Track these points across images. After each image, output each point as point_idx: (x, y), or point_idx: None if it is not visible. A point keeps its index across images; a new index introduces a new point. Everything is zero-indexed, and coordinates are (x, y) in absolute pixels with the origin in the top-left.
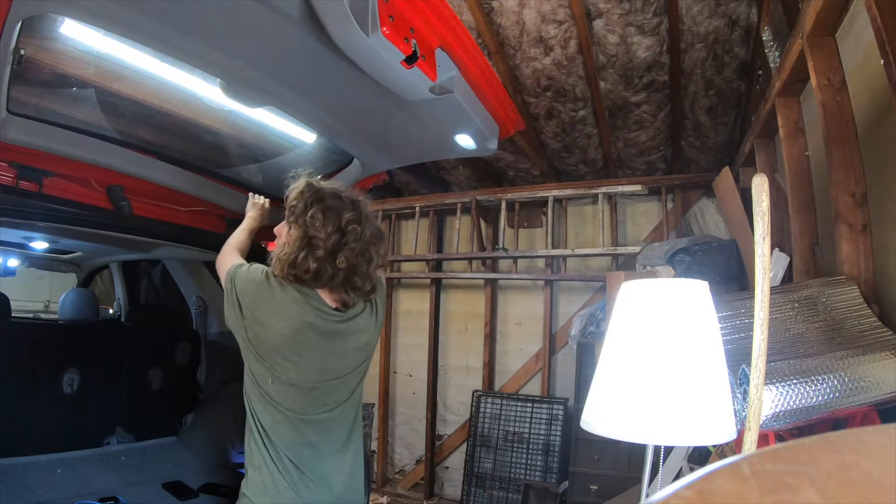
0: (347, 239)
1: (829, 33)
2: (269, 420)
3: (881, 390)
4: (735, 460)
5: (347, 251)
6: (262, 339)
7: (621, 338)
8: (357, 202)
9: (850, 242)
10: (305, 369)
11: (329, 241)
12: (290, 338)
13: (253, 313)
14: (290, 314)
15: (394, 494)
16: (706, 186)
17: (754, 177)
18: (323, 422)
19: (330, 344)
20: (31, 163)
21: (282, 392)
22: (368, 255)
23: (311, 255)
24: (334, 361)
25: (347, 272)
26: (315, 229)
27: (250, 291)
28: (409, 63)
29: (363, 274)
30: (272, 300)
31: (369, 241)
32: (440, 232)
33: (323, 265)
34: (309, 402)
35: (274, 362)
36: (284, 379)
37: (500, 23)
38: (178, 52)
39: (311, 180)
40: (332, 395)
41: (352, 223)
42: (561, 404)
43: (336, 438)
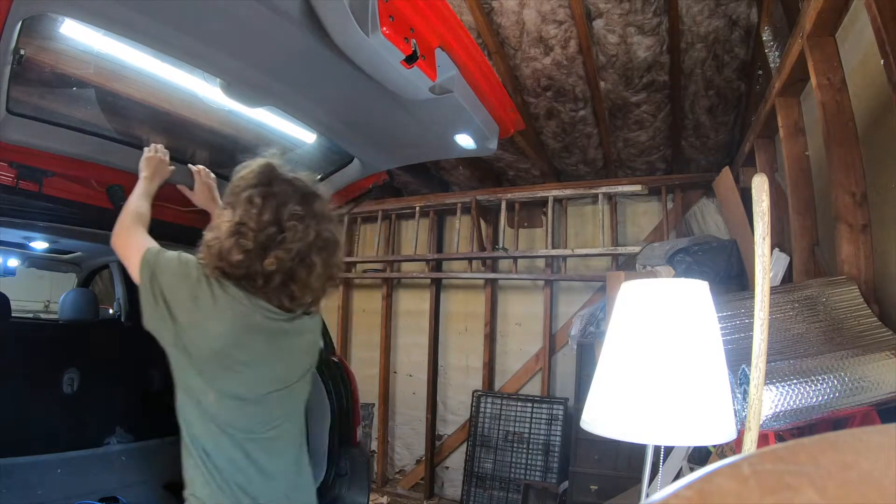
0: (285, 236)
1: (829, 33)
2: (212, 444)
3: (881, 390)
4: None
5: (281, 251)
6: (200, 347)
7: (621, 338)
8: (311, 196)
9: (850, 242)
10: (252, 379)
11: (261, 234)
12: (233, 344)
13: (187, 316)
14: (233, 316)
15: (394, 494)
16: (706, 186)
17: (754, 177)
18: (272, 440)
19: (278, 346)
20: (31, 163)
21: (225, 408)
22: (309, 262)
23: (238, 246)
24: (282, 367)
25: (282, 277)
26: (248, 216)
27: (182, 290)
28: (409, 63)
29: (302, 283)
30: (210, 299)
31: (312, 245)
32: (440, 232)
33: (251, 261)
34: (256, 419)
35: (215, 374)
36: (228, 392)
37: (500, 23)
38: (178, 52)
39: (273, 161)
40: (281, 408)
41: (294, 218)
42: (561, 404)
43: (287, 459)
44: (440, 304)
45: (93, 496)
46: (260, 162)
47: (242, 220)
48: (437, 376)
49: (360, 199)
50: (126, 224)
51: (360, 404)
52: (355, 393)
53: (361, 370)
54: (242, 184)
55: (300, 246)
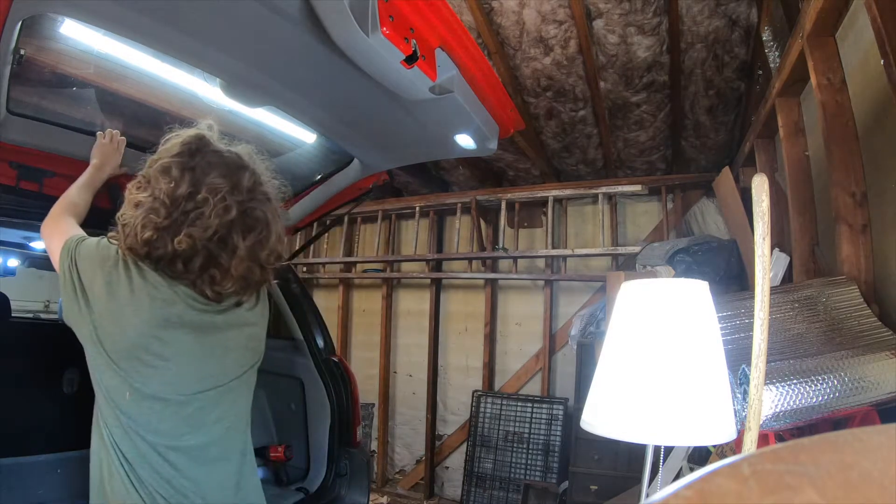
0: (203, 211)
1: (829, 33)
2: (133, 451)
3: (881, 390)
4: (735, 460)
5: (194, 228)
6: (116, 339)
7: (621, 338)
8: (238, 168)
9: (850, 242)
10: (174, 377)
11: (176, 210)
12: (151, 335)
13: (103, 305)
14: (150, 303)
15: (394, 494)
16: (706, 186)
17: (754, 177)
18: (202, 448)
19: (205, 341)
20: (32, 163)
21: (144, 410)
22: (231, 243)
23: (149, 222)
24: (212, 365)
25: (202, 261)
26: (161, 188)
27: (98, 276)
28: (409, 63)
29: (223, 268)
30: (127, 285)
31: (234, 223)
32: (440, 232)
33: (165, 240)
34: (179, 422)
35: (132, 370)
36: (147, 392)
37: (500, 23)
38: (178, 52)
39: (204, 132)
40: (213, 412)
41: (216, 192)
42: (561, 404)
43: (224, 472)
44: (440, 304)
45: None
46: (189, 132)
47: (155, 193)
48: (437, 376)
49: (360, 199)
50: (55, 213)
51: (360, 404)
52: (355, 393)
53: (361, 370)
54: (164, 154)
55: (218, 223)
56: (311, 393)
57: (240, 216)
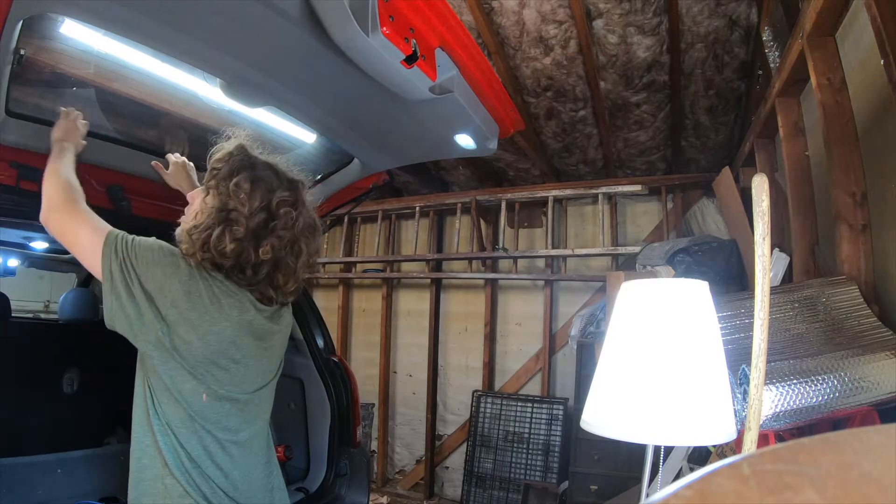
0: (276, 223)
1: (829, 33)
2: (199, 448)
3: (881, 390)
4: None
5: (274, 238)
6: (195, 347)
7: (621, 338)
8: (295, 183)
9: (850, 242)
10: (242, 377)
11: (253, 220)
12: (230, 342)
13: (180, 313)
14: (229, 312)
15: (394, 494)
16: (706, 186)
17: (754, 177)
18: (250, 441)
19: (263, 343)
20: (32, 163)
21: (217, 409)
22: (298, 249)
23: (229, 233)
24: (266, 364)
25: (270, 267)
26: (238, 201)
27: (174, 284)
28: (409, 63)
29: (288, 270)
30: (207, 294)
31: (301, 232)
32: (440, 232)
33: (244, 249)
34: (242, 418)
35: (208, 373)
36: (221, 392)
37: (500, 23)
38: (178, 52)
39: (245, 144)
40: (262, 406)
41: (285, 205)
42: (561, 404)
43: (262, 459)
44: (440, 304)
45: (93, 496)
46: (234, 144)
47: (231, 206)
48: (437, 376)
49: (360, 199)
50: (63, 199)
51: (360, 404)
52: (355, 393)
53: (361, 370)
54: (223, 168)
55: (291, 233)
56: (311, 393)
57: (304, 224)
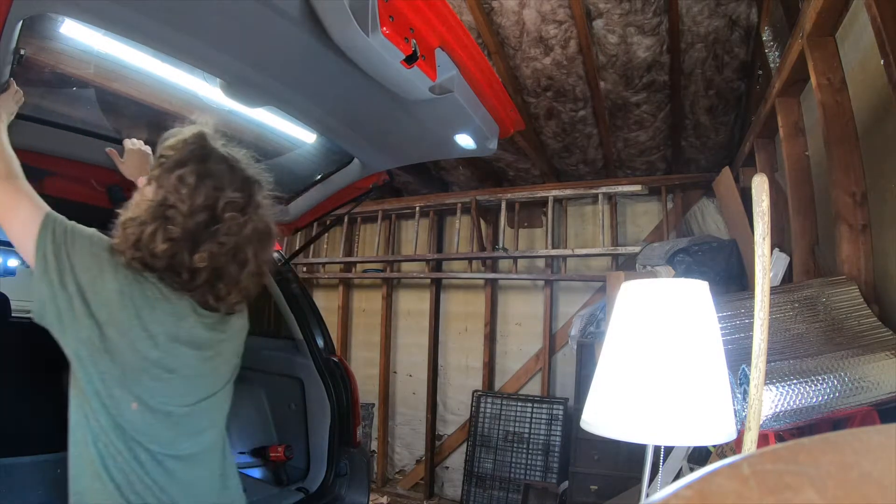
0: (219, 227)
1: (829, 33)
2: (127, 462)
3: (881, 390)
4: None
5: (214, 244)
6: (125, 352)
7: (621, 338)
8: (250, 182)
9: (850, 242)
10: (178, 389)
11: (192, 220)
12: (164, 350)
13: (112, 313)
14: (163, 318)
15: (394, 494)
16: (706, 186)
17: (754, 177)
18: (195, 455)
19: (206, 354)
20: (32, 163)
21: (149, 420)
22: (242, 257)
23: (163, 232)
24: (210, 375)
25: (209, 275)
26: (178, 196)
27: (108, 280)
28: (409, 63)
29: (230, 280)
30: (140, 296)
31: (248, 239)
32: (440, 232)
33: (178, 252)
34: (180, 432)
35: (138, 382)
36: (152, 404)
37: (500, 23)
38: (178, 52)
39: (207, 132)
40: (206, 419)
41: (232, 207)
42: (561, 404)
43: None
44: (440, 304)
45: None
46: (192, 131)
47: (170, 201)
48: (437, 376)
49: (360, 199)
50: (6, 170)
51: (360, 404)
52: (355, 393)
53: (361, 370)
54: (172, 156)
55: (236, 240)
56: (311, 393)
57: (253, 231)
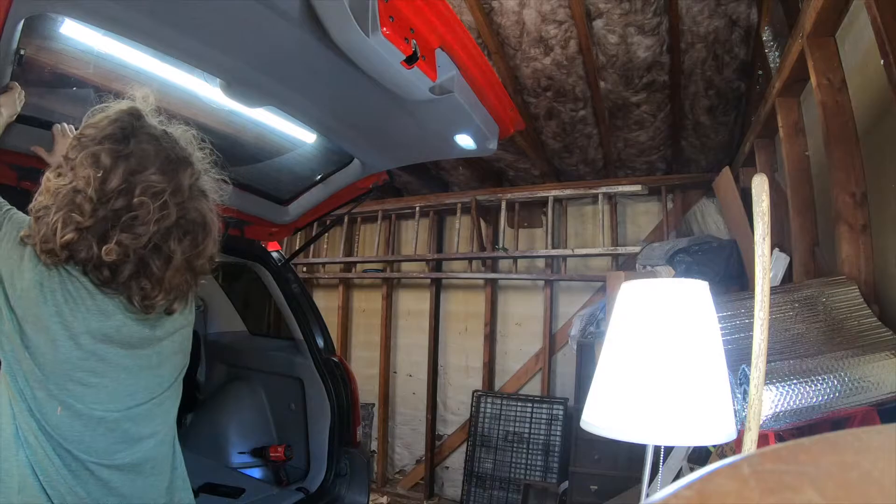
0: (137, 215)
1: (829, 33)
2: (56, 471)
3: (881, 390)
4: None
5: (126, 235)
6: (45, 352)
7: (621, 338)
8: (179, 162)
9: (850, 242)
10: (109, 393)
11: (103, 208)
12: (88, 352)
13: (30, 307)
14: (87, 316)
15: (394, 494)
16: (706, 186)
17: (754, 177)
18: (135, 465)
19: (140, 354)
20: (32, 163)
21: (77, 427)
22: (165, 251)
23: (70, 221)
24: (147, 378)
25: (133, 269)
26: (88, 180)
27: (27, 270)
28: (409, 63)
29: (155, 278)
30: (60, 291)
31: (172, 229)
32: (440, 232)
33: (84, 244)
34: (114, 439)
35: (62, 386)
36: (80, 408)
37: (500, 23)
38: (178, 52)
39: (139, 106)
40: (146, 426)
41: (150, 193)
42: (561, 404)
43: (156, 488)
44: (440, 304)
45: None
46: (121, 106)
47: (78, 184)
48: (437, 376)
49: (360, 199)
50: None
51: (360, 404)
52: (355, 393)
53: (361, 370)
54: (91, 134)
55: (154, 230)
56: (311, 393)
57: (179, 220)
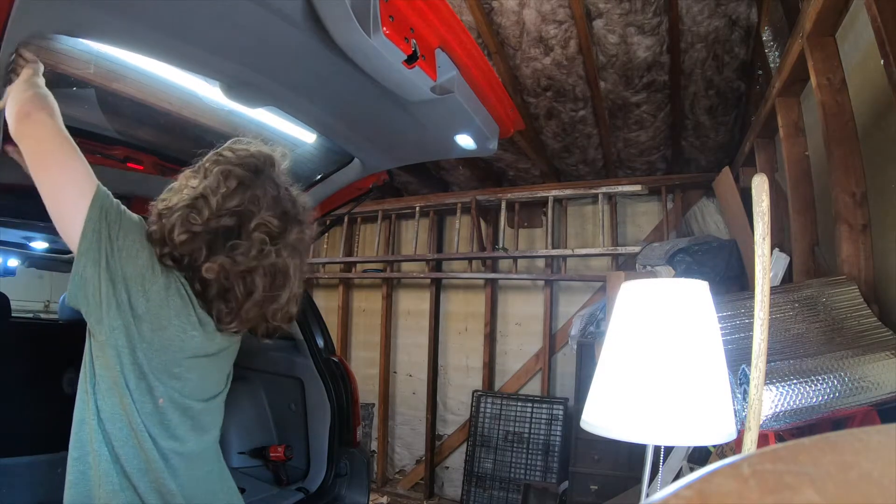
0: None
1: (829, 33)
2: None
3: (881, 390)
4: (735, 460)
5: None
6: (157, 348)
7: (621, 338)
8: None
9: (850, 242)
10: (195, 387)
11: (215, 220)
12: (191, 353)
13: (151, 307)
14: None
15: (394, 494)
16: (706, 186)
17: (754, 177)
18: (198, 454)
19: (211, 358)
20: None
21: (168, 415)
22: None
23: (186, 223)
24: (216, 375)
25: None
26: (211, 188)
27: (155, 272)
28: (409, 63)
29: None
30: (177, 295)
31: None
32: (440, 232)
33: (195, 250)
34: (189, 428)
35: (163, 378)
36: (174, 398)
37: (500, 23)
38: (181, 60)
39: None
40: (211, 418)
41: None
42: (561, 404)
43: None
44: (440, 304)
45: None
46: (262, 148)
47: (204, 190)
48: (437, 376)
49: (360, 199)
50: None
51: (360, 404)
52: (355, 393)
53: (361, 370)
54: (230, 157)
55: (252, 264)
56: (311, 393)
57: (271, 264)
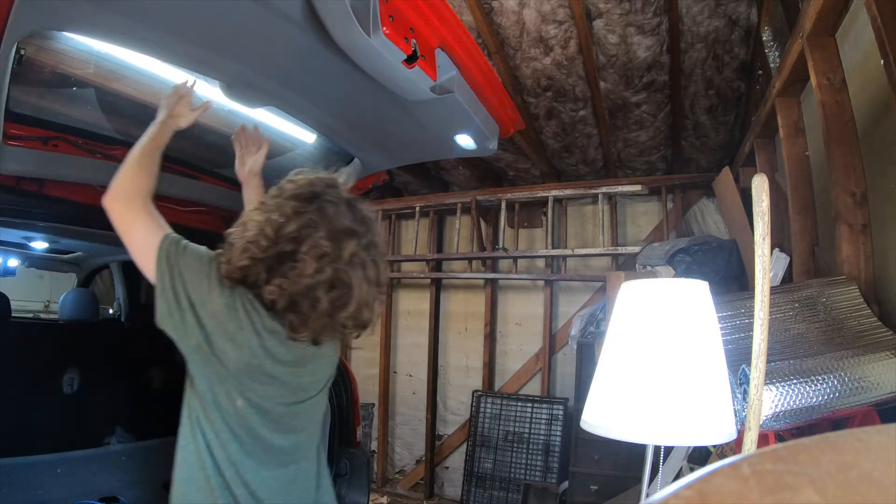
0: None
1: (829, 33)
2: (228, 454)
3: (881, 390)
4: (735, 460)
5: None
6: (232, 356)
7: (621, 338)
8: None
9: (850, 242)
10: (278, 391)
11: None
12: (260, 359)
13: (219, 324)
14: (260, 329)
15: (394, 494)
16: (706, 186)
17: (754, 177)
18: (288, 451)
19: (293, 369)
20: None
21: (252, 415)
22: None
23: (247, 250)
24: (303, 385)
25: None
26: (270, 221)
27: (216, 296)
28: (409, 63)
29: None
30: (242, 309)
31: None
32: (440, 232)
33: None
34: (275, 429)
35: (244, 382)
36: (256, 400)
37: (500, 23)
38: (182, 59)
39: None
40: (299, 420)
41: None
42: (561, 404)
43: (305, 474)
44: (440, 304)
45: (93, 496)
46: (322, 174)
47: (264, 226)
48: (437, 376)
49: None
50: (132, 191)
51: (360, 404)
52: (355, 393)
53: (361, 370)
54: (289, 189)
55: (309, 282)
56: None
57: (330, 279)
